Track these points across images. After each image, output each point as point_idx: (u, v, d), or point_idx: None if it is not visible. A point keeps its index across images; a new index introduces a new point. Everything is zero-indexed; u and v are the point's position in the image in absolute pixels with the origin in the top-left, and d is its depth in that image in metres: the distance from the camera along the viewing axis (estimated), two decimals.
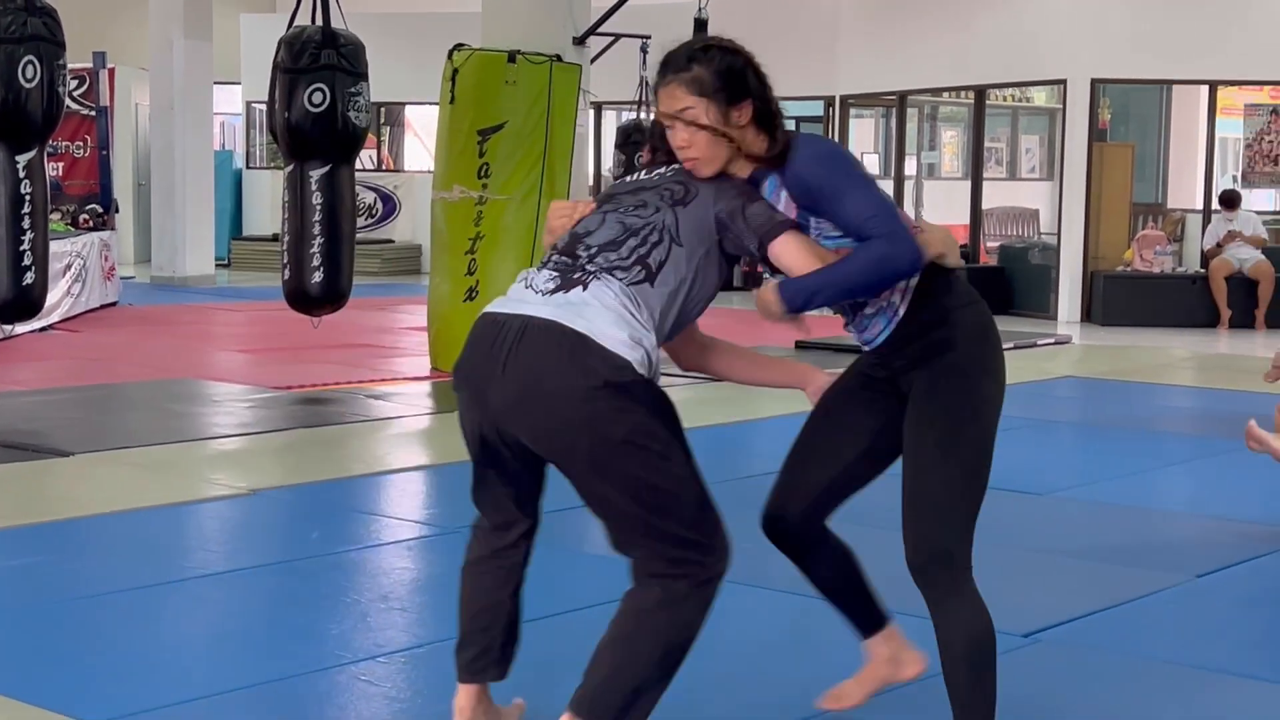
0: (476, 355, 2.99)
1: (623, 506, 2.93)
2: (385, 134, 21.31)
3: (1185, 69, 14.77)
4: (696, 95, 3.01)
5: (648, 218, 3.01)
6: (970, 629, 3.00)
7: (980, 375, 3.06)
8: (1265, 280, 14.05)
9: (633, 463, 2.88)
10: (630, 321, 2.90)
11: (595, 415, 2.85)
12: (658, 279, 2.95)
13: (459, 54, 9.92)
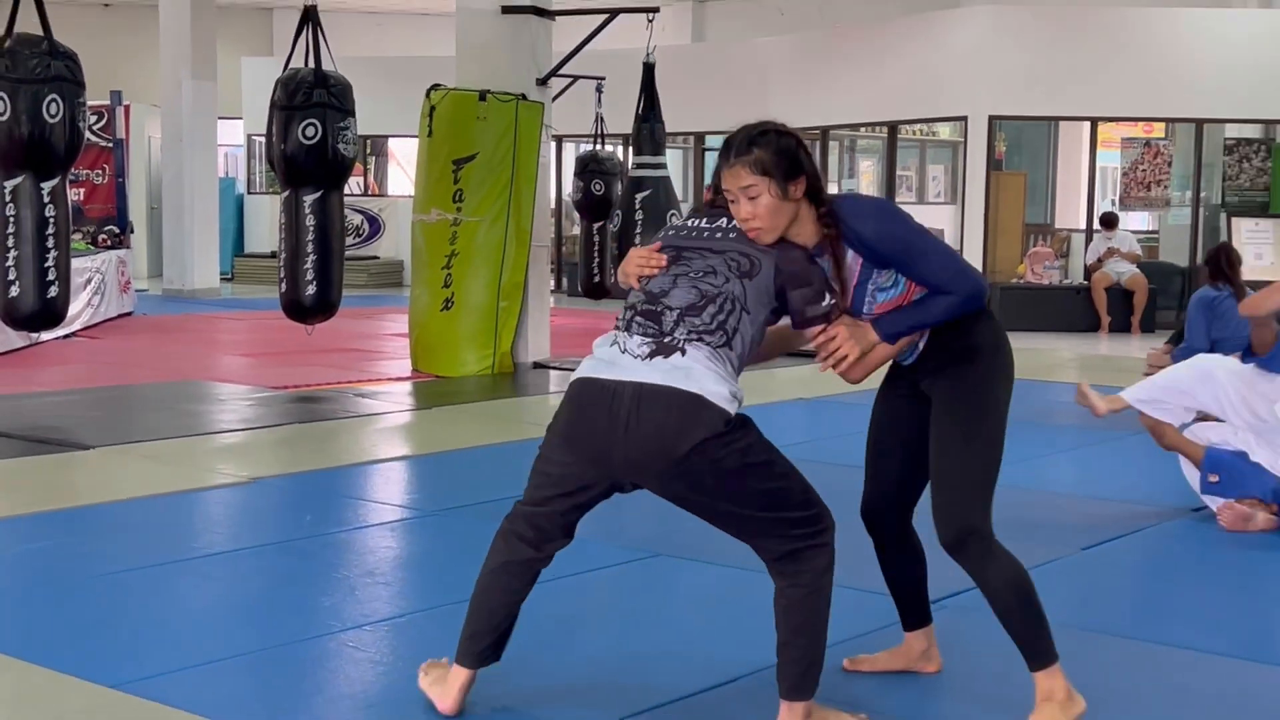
0: (594, 418, 2.99)
1: (753, 515, 3.02)
2: (371, 163, 21.25)
3: (1070, 107, 14.87)
4: (759, 174, 3.06)
5: (720, 287, 3.04)
6: (1010, 579, 3.18)
7: (996, 378, 3.23)
8: (1140, 291, 14.17)
9: (754, 480, 2.99)
10: (726, 378, 2.98)
11: (717, 458, 2.92)
12: (734, 341, 3.02)
13: (436, 93, 9.92)
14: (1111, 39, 14.52)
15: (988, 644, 3.88)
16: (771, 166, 3.06)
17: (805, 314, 3.13)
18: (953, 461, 3.17)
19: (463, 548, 4.95)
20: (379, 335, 12.56)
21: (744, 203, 3.08)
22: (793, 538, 3.04)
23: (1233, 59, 14.32)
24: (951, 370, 3.20)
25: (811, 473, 3.24)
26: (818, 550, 3.06)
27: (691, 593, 4.45)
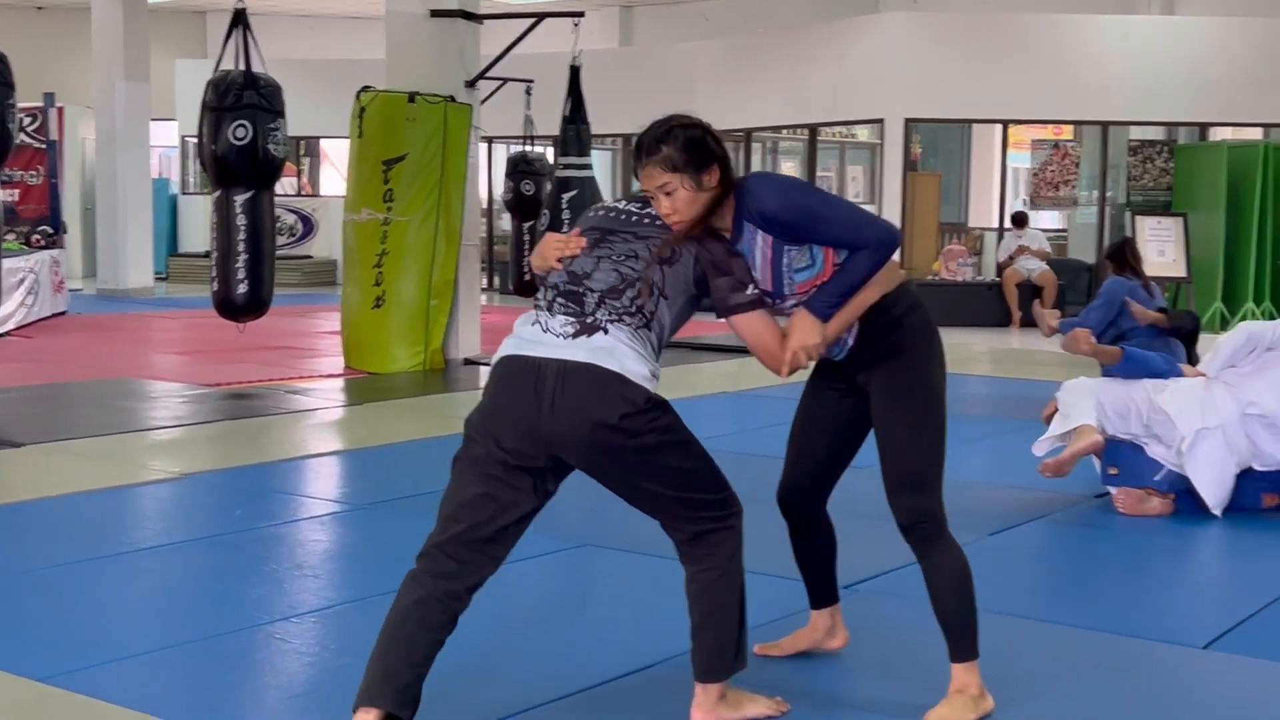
0: (519, 395, 2.97)
1: (667, 494, 3.02)
2: (305, 164, 21.07)
3: (982, 110, 15.04)
4: (670, 172, 3.06)
5: (641, 272, 3.04)
6: (956, 568, 3.24)
7: (932, 365, 3.24)
8: (1049, 287, 14.35)
9: (670, 458, 2.99)
10: (646, 358, 2.99)
11: (636, 433, 2.93)
12: (653, 324, 3.03)
13: (366, 95, 9.86)
14: (1022, 45, 14.70)
15: (902, 626, 3.93)
16: (681, 162, 3.06)
17: (729, 302, 3.11)
18: (907, 453, 3.19)
19: (391, 541, 4.93)
20: (311, 333, 12.46)
21: (662, 199, 3.08)
22: (702, 519, 3.05)
23: (1137, 64, 14.55)
24: (888, 363, 3.21)
25: (735, 464, 3.28)
26: (726, 534, 3.07)
27: (616, 582, 4.46)
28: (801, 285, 3.16)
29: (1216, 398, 5.32)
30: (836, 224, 3.10)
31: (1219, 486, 5.29)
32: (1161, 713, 3.30)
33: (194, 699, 3.26)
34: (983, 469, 6.56)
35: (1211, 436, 5.27)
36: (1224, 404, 5.29)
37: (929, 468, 3.20)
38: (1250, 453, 5.29)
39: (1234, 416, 5.26)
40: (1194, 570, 4.83)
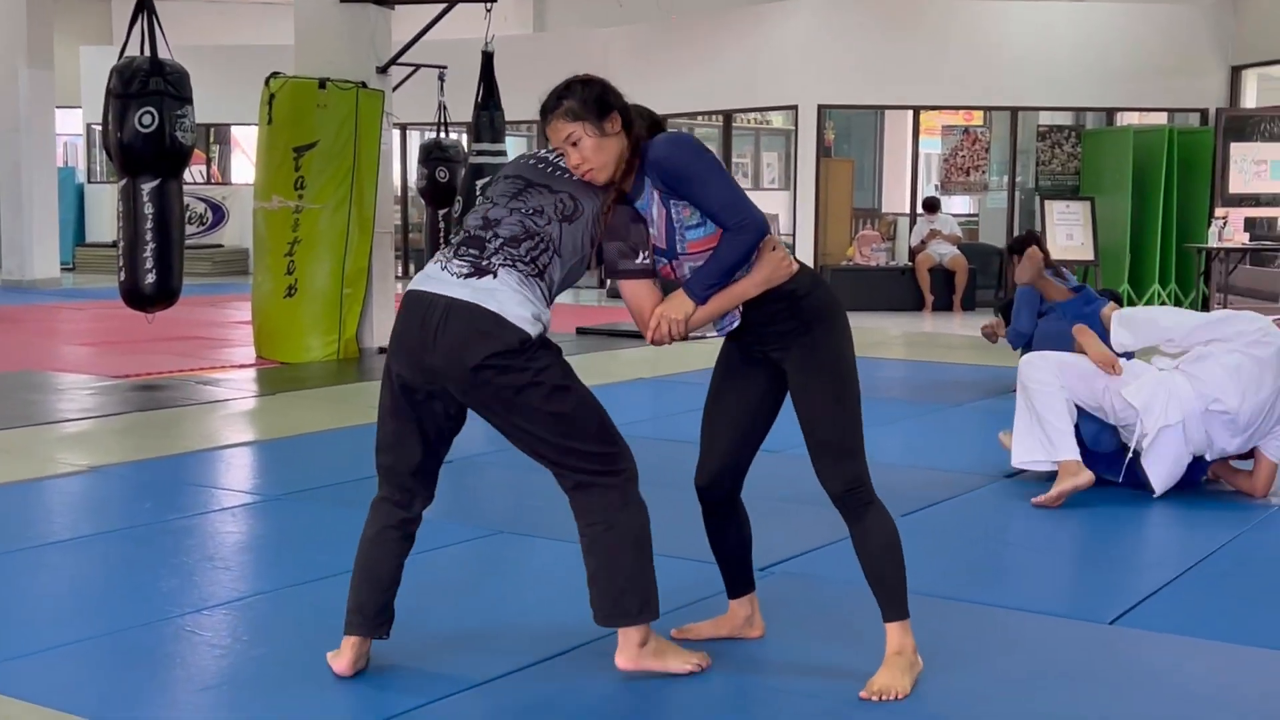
0: (411, 327, 3.16)
1: (544, 438, 3.15)
2: (215, 151, 20.76)
3: (894, 96, 15.19)
4: (573, 121, 3.20)
5: (542, 227, 3.18)
6: (888, 529, 3.30)
7: (839, 342, 3.30)
8: (961, 271, 14.54)
9: (543, 401, 3.11)
10: (531, 302, 3.12)
11: (508, 372, 3.08)
12: (545, 275, 3.18)
13: (275, 81, 9.74)
14: (933, 31, 14.85)
15: (813, 608, 3.97)
16: (581, 110, 3.20)
17: (617, 266, 3.23)
18: (831, 427, 3.25)
19: (305, 532, 4.90)
20: (222, 323, 12.30)
21: (570, 151, 3.20)
22: (583, 470, 3.18)
23: (1045, 50, 14.76)
24: (800, 339, 3.26)
25: (653, 450, 3.30)
26: (608, 489, 3.19)
27: (533, 567, 4.46)
28: (694, 244, 3.22)
29: (1179, 391, 5.30)
30: (710, 193, 3.16)
31: (1170, 478, 5.36)
32: (1068, 687, 3.36)
33: (105, 693, 3.21)
34: (896, 450, 6.62)
35: (1173, 431, 5.30)
36: (1187, 398, 5.28)
37: (854, 436, 3.27)
38: (1204, 445, 5.36)
39: (1196, 411, 5.27)
40: (1100, 548, 4.92)
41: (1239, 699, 3.31)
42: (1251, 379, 5.25)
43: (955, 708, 3.19)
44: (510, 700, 3.24)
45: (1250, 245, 13.03)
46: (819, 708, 3.18)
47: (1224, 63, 14.79)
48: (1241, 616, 3.97)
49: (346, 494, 5.43)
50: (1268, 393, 5.26)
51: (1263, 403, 5.26)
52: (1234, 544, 4.77)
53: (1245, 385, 5.24)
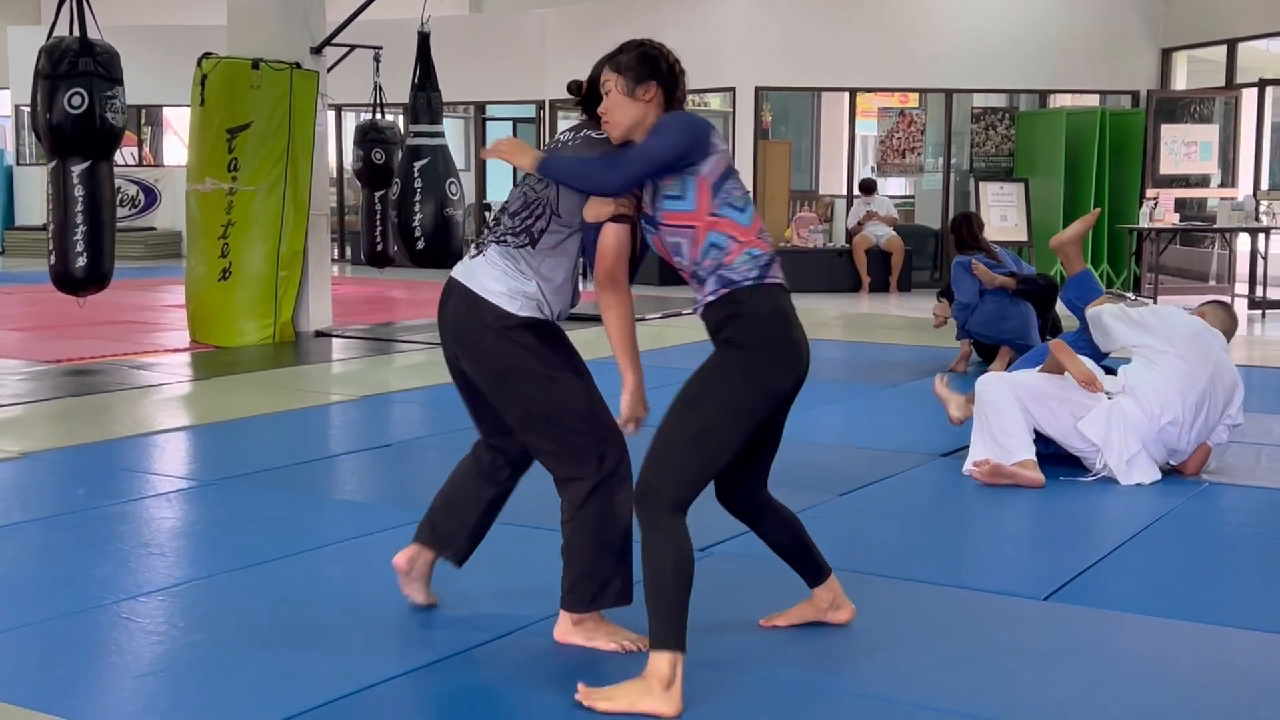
0: (439, 309, 3.40)
1: (525, 420, 3.30)
2: (146, 133, 20.47)
3: (830, 78, 15.24)
4: (613, 72, 3.28)
5: (540, 192, 3.32)
6: (668, 556, 3.03)
7: (749, 371, 3.12)
8: (897, 252, 14.63)
9: (519, 385, 3.27)
10: (509, 276, 3.28)
11: (486, 351, 3.27)
12: (539, 243, 3.30)
13: (208, 61, 9.62)
14: (869, 14, 14.91)
15: (754, 589, 3.98)
16: (625, 67, 3.27)
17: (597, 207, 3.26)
18: (666, 423, 3.11)
19: (241, 516, 4.85)
20: (155, 306, 12.15)
21: (604, 99, 3.29)
22: (560, 466, 3.30)
23: (980, 33, 14.87)
24: (719, 350, 3.19)
25: None
26: (575, 483, 3.29)
27: (478, 551, 4.43)
28: (669, 215, 3.18)
29: (1131, 417, 5.37)
30: (623, 157, 3.21)
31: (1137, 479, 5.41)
32: (1004, 662, 3.40)
33: (39, 681, 3.17)
34: (833, 431, 6.67)
35: (1139, 457, 5.38)
36: (1139, 423, 5.36)
37: (676, 448, 3.06)
38: (1167, 456, 5.46)
39: (1151, 434, 5.37)
40: (1036, 525, 4.98)
41: (1171, 672, 3.36)
42: (1188, 380, 5.38)
43: (891, 684, 3.22)
44: (443, 686, 3.23)
45: (1180, 226, 13.21)
46: (755, 687, 3.20)
47: (1154, 45, 14.97)
48: (1174, 591, 4.03)
49: (282, 478, 5.38)
50: (1203, 384, 5.37)
51: (1202, 394, 5.37)
52: (1166, 519, 4.84)
53: (1184, 388, 5.36)
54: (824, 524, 4.79)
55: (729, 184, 3.21)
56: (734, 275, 3.15)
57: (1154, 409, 5.37)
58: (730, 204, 3.18)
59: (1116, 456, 5.37)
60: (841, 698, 3.15)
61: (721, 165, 3.21)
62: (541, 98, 16.90)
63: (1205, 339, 5.50)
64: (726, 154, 3.26)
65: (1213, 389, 5.41)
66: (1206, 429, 5.46)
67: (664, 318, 11.19)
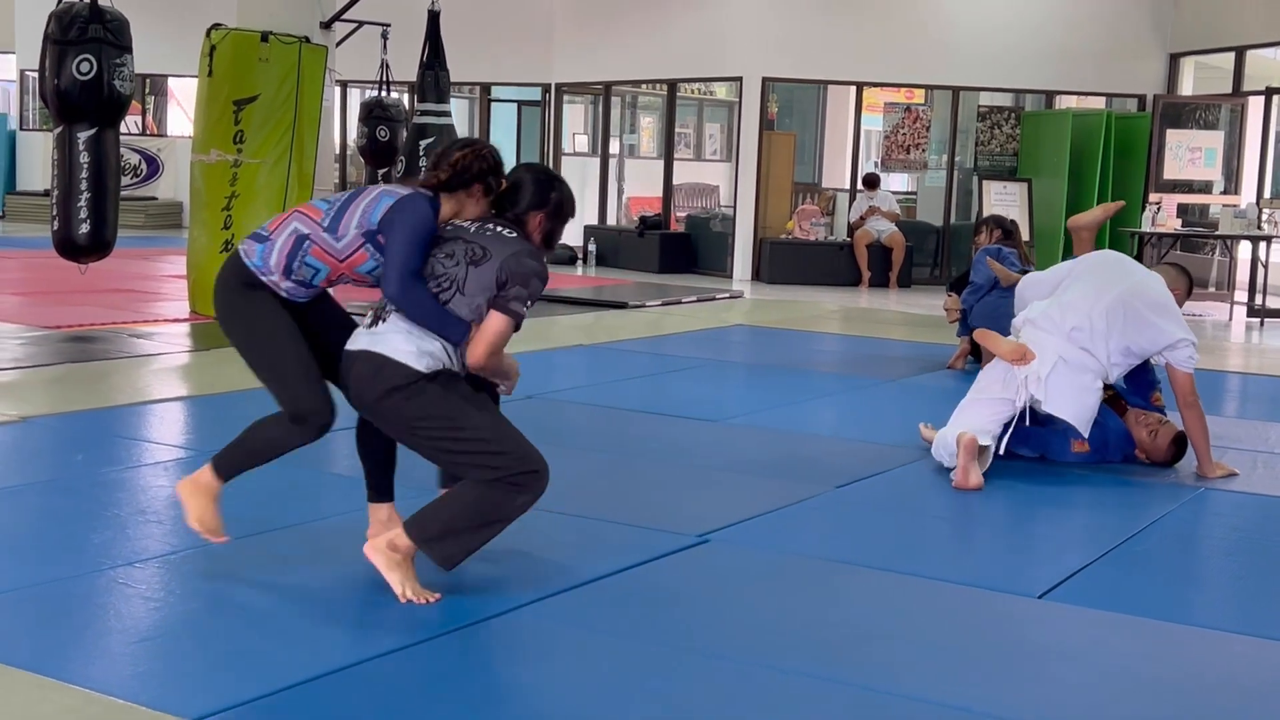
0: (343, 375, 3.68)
1: (443, 460, 3.67)
2: (150, 102, 20.43)
3: (838, 72, 15.22)
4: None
5: (449, 269, 3.59)
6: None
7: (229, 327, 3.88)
8: (898, 248, 14.63)
9: (430, 433, 3.54)
10: (417, 337, 3.54)
11: (394, 407, 3.54)
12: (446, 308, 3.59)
13: (217, 32, 9.59)
14: (879, 9, 14.89)
15: (747, 577, 3.98)
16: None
17: (509, 305, 3.57)
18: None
19: (237, 486, 4.81)
20: (156, 276, 12.13)
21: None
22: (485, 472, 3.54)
23: (989, 32, 14.86)
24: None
25: (591, 416, 3.30)
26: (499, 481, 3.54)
27: None
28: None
29: (1040, 341, 5.50)
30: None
31: (1082, 409, 5.44)
32: (998, 659, 3.41)
33: (36, 644, 3.17)
34: (831, 423, 6.68)
35: (1056, 371, 5.43)
36: (1049, 341, 5.49)
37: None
38: (1095, 364, 5.47)
39: (1061, 341, 5.47)
40: (1031, 523, 4.99)
41: (1164, 674, 3.38)
42: (1094, 290, 5.55)
43: (884, 676, 3.23)
44: (443, 661, 3.23)
45: (1183, 231, 13.22)
46: (738, 674, 3.21)
47: (1162, 50, 14.97)
48: (1169, 594, 4.05)
49: None
50: (1114, 294, 5.51)
51: (1114, 302, 5.49)
52: (1162, 522, 4.85)
53: (1091, 297, 5.53)
54: (820, 515, 4.81)
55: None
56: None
57: (1057, 318, 5.51)
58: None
59: (1033, 372, 5.41)
60: (835, 688, 3.15)
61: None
62: (548, 81, 16.88)
63: (1122, 264, 5.73)
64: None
65: (1131, 301, 5.49)
66: (1132, 341, 5.48)
67: (663, 305, 11.20)
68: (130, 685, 2.94)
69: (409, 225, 3.57)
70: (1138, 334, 5.50)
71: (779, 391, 7.47)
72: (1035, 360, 5.45)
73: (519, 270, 3.56)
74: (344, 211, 3.66)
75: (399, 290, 3.54)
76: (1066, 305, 5.56)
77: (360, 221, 3.62)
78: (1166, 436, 5.67)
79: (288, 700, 2.93)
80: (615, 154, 17.65)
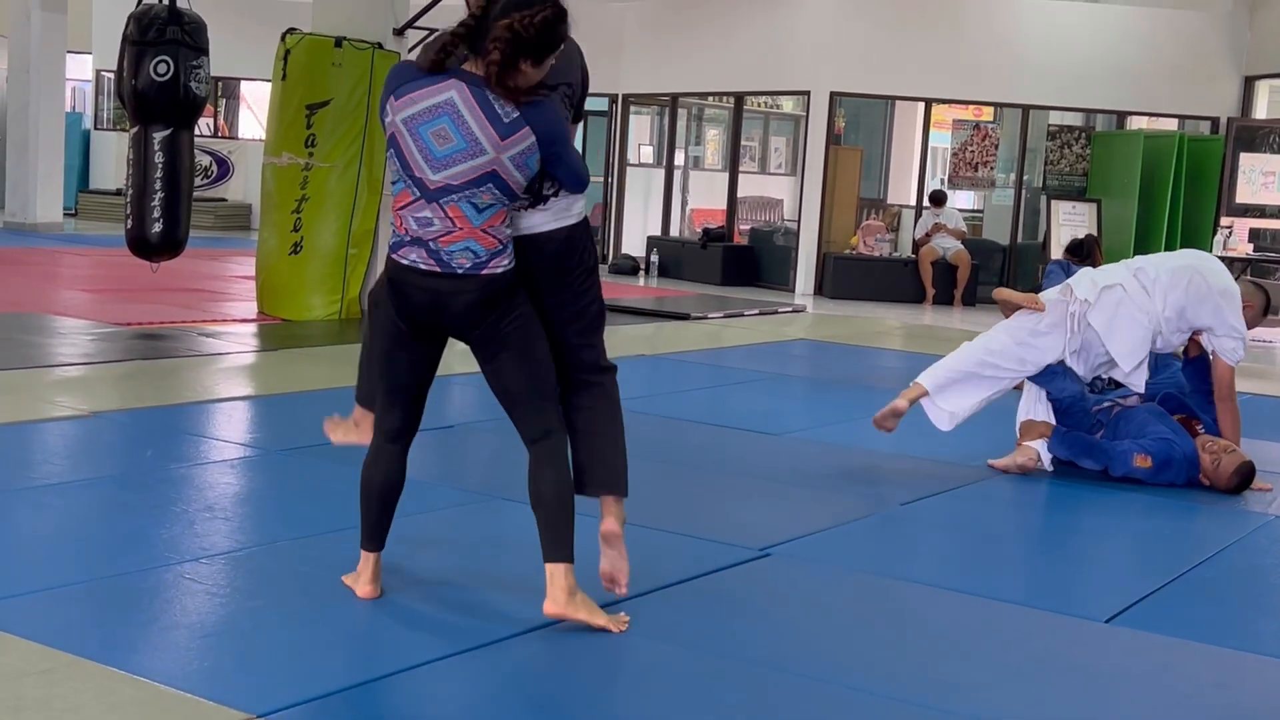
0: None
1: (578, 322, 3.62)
2: (222, 105, 20.68)
3: (907, 88, 15.16)
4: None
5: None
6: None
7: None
8: (963, 266, 14.53)
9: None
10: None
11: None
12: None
13: (291, 37, 9.70)
14: (948, 25, 14.82)
15: (808, 592, 3.96)
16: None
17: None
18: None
19: (302, 486, 4.90)
20: (225, 276, 12.27)
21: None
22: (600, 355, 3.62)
23: (1060, 50, 14.74)
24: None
25: (639, 425, 3.28)
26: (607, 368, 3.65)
27: (520, 533, 4.45)
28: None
29: (1105, 267, 5.87)
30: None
31: (1133, 343, 5.62)
32: (1062, 684, 3.37)
33: (104, 636, 3.21)
34: (894, 440, 6.62)
35: (1114, 296, 5.63)
36: (1113, 268, 5.80)
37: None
38: (1148, 304, 5.64)
39: (1125, 274, 5.71)
40: (1095, 547, 4.93)
41: (1235, 703, 3.32)
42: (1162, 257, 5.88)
43: (951, 698, 3.20)
44: (501, 666, 3.24)
45: (1253, 256, 13.04)
46: (815, 690, 3.19)
47: (1237, 72, 14.78)
48: (1238, 622, 3.98)
49: (343, 453, 5.40)
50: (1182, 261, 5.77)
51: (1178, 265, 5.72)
52: (1231, 549, 4.77)
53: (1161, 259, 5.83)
54: (883, 532, 4.78)
55: (390, 154, 3.39)
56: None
57: (1126, 264, 5.77)
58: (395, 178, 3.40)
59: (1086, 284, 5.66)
60: (900, 707, 3.12)
61: (389, 134, 3.36)
62: (615, 91, 16.92)
63: (1206, 256, 5.93)
64: (390, 121, 3.33)
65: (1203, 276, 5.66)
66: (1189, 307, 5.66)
67: (725, 317, 11.18)
68: (197, 679, 2.97)
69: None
70: (1198, 304, 5.65)
71: (841, 407, 7.43)
72: (1094, 274, 5.70)
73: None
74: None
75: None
76: (1136, 260, 5.81)
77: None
78: (1231, 465, 5.58)
79: (354, 698, 2.94)
80: (680, 165, 17.66)
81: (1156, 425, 5.67)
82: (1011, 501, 5.35)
